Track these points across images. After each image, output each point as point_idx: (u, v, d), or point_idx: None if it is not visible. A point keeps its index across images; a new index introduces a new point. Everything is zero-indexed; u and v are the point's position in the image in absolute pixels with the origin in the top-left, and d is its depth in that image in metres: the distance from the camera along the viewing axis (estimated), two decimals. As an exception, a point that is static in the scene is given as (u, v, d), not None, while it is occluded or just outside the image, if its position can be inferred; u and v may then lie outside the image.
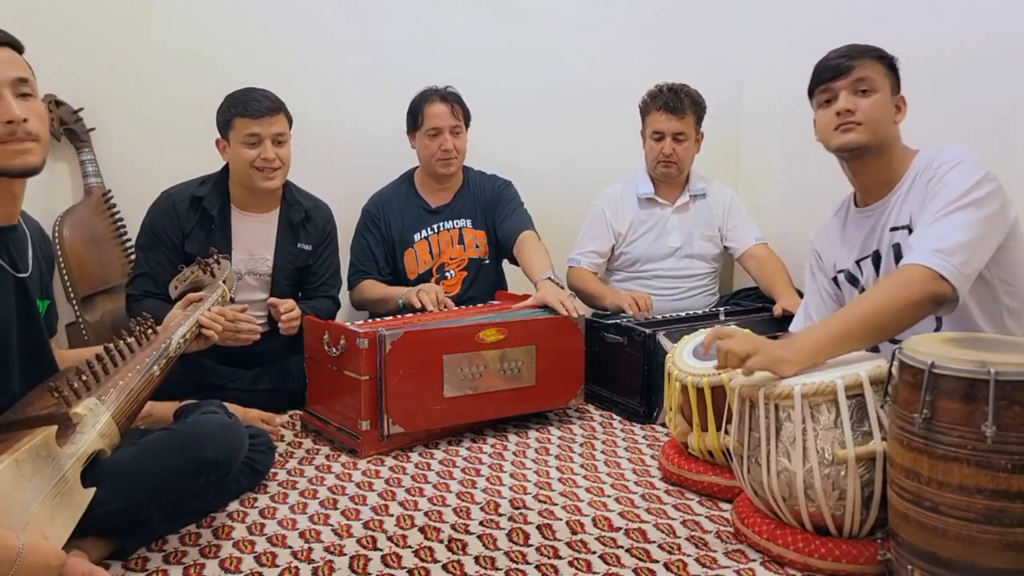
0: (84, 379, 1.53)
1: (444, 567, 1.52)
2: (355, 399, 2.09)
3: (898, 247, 1.79)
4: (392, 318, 2.40)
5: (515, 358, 2.24)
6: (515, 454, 2.13)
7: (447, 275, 2.78)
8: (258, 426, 2.08)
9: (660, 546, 1.60)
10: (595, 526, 1.70)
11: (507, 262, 2.87)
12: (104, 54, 2.66)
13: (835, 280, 2.01)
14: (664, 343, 2.32)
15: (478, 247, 2.80)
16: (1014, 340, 1.47)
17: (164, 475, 1.53)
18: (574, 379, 2.37)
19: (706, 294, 2.92)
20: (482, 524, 1.71)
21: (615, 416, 2.45)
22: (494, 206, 2.79)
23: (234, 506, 1.79)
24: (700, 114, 2.81)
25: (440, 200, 2.80)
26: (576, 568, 1.51)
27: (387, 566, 1.53)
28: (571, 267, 2.90)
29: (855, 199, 1.96)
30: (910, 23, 2.57)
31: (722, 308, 2.70)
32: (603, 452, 2.15)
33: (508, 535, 1.65)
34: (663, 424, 2.29)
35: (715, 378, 1.80)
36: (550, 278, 2.45)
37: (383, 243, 2.77)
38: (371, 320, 2.40)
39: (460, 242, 2.79)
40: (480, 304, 2.60)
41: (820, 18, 2.97)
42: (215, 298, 1.91)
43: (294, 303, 2.36)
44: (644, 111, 2.84)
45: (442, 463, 2.07)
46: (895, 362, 1.36)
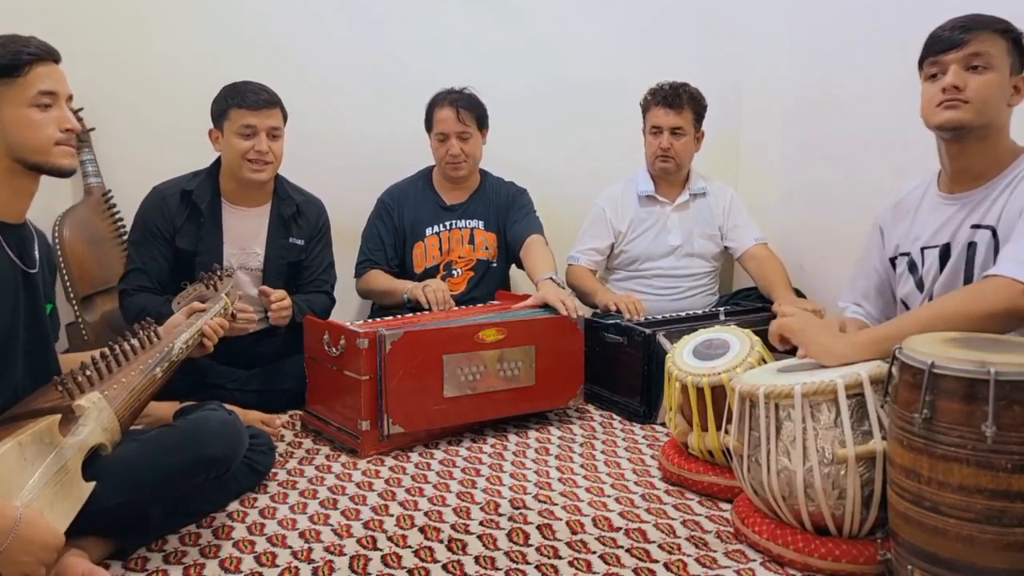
0: (88, 374, 1.54)
1: (444, 567, 1.52)
2: (355, 399, 2.09)
3: (974, 247, 1.69)
4: (392, 318, 2.40)
5: (515, 358, 2.24)
6: (515, 454, 2.13)
7: (454, 273, 2.78)
8: (258, 427, 2.08)
9: (660, 546, 1.60)
10: (595, 526, 1.70)
11: (515, 267, 2.88)
12: (104, 54, 2.67)
13: (892, 261, 1.90)
14: (664, 343, 2.32)
15: (487, 249, 2.81)
16: (1014, 340, 1.46)
17: (164, 471, 1.53)
18: (574, 379, 2.37)
19: (706, 294, 2.92)
20: (482, 524, 1.71)
21: (615, 416, 2.45)
22: (507, 210, 2.82)
23: (234, 506, 1.79)
24: (699, 111, 2.81)
25: (455, 199, 2.82)
26: (576, 568, 1.52)
27: (387, 566, 1.53)
28: (570, 265, 2.90)
29: (939, 181, 1.82)
30: (910, 23, 2.56)
31: (722, 308, 2.70)
32: (603, 452, 2.15)
33: (508, 535, 1.65)
34: (663, 424, 2.29)
35: (715, 378, 1.81)
36: (551, 278, 2.46)
37: (394, 233, 2.78)
38: (371, 320, 2.40)
39: (470, 242, 2.80)
40: (480, 304, 2.60)
41: (820, 18, 2.97)
42: (218, 309, 1.92)
43: (285, 293, 2.35)
44: (645, 108, 2.84)
45: (442, 463, 2.07)
46: (895, 362, 1.36)
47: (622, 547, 1.60)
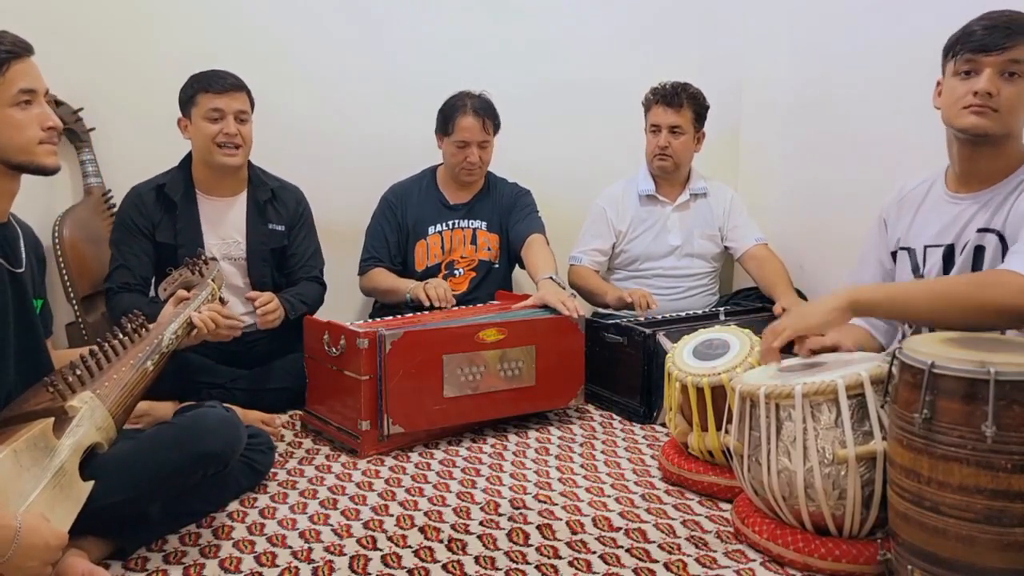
0: (79, 374, 1.54)
1: (444, 567, 1.52)
2: (355, 399, 2.09)
3: (980, 250, 1.68)
4: (392, 318, 2.40)
5: (515, 358, 2.24)
6: (515, 454, 2.13)
7: (456, 272, 2.78)
8: (258, 427, 2.08)
9: (660, 546, 1.60)
10: (595, 526, 1.70)
11: (518, 268, 2.87)
12: (104, 54, 2.67)
13: (893, 255, 1.89)
14: (664, 343, 2.32)
15: (490, 250, 2.81)
16: (1014, 340, 1.46)
17: (162, 468, 1.52)
18: (574, 379, 2.37)
19: (706, 294, 2.92)
20: (482, 524, 1.71)
21: (615, 416, 2.45)
22: (510, 211, 2.82)
23: (234, 506, 1.79)
24: (699, 111, 2.81)
25: (459, 199, 2.82)
26: (576, 568, 1.51)
27: (387, 566, 1.53)
28: (572, 265, 2.90)
29: (947, 179, 1.80)
30: (911, 23, 2.56)
31: (722, 308, 2.71)
32: (603, 452, 2.15)
33: (508, 535, 1.65)
34: (663, 424, 2.29)
35: (715, 378, 1.81)
36: (551, 278, 2.46)
37: (397, 231, 2.78)
38: (371, 320, 2.40)
39: (472, 242, 2.80)
40: (480, 304, 2.60)
41: (820, 17, 2.97)
42: (205, 296, 1.91)
43: (272, 296, 2.32)
44: (646, 107, 2.85)
45: (442, 463, 2.07)
46: (895, 362, 1.36)
47: (622, 547, 1.60)
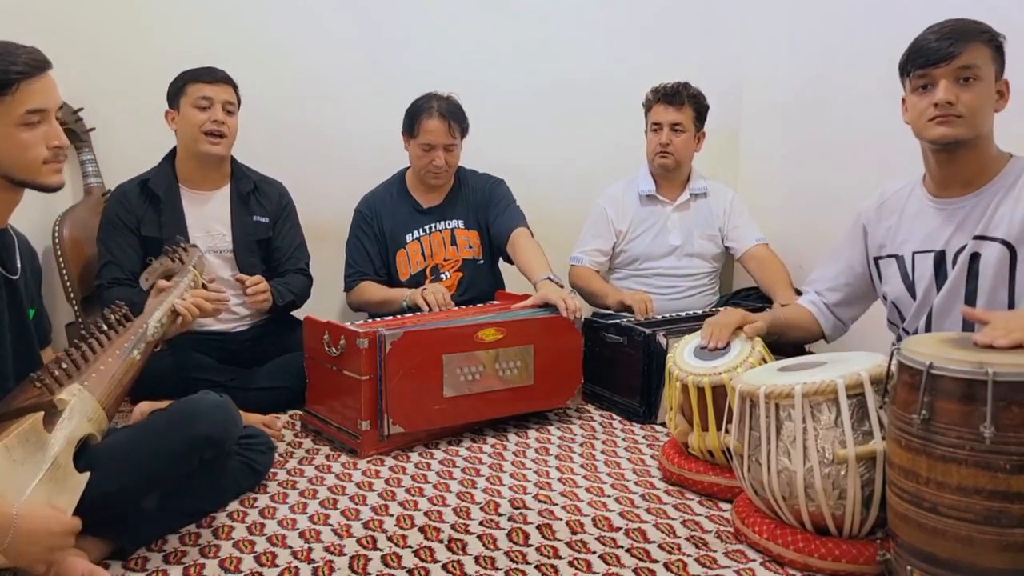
0: (65, 367, 1.54)
1: (444, 567, 1.52)
2: (355, 399, 2.09)
3: (977, 257, 1.69)
4: (392, 318, 2.40)
5: (513, 358, 2.24)
6: (515, 454, 2.13)
7: (442, 276, 2.75)
8: (258, 428, 2.07)
9: (660, 546, 1.60)
10: (595, 526, 1.70)
11: (503, 261, 2.85)
12: (104, 54, 2.67)
13: (877, 261, 1.89)
14: (664, 343, 2.32)
15: (471, 247, 2.78)
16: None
17: (157, 454, 1.52)
18: (572, 378, 2.37)
19: (706, 294, 2.92)
20: (482, 524, 1.71)
21: (615, 416, 2.45)
22: (487, 206, 2.78)
23: (234, 506, 1.79)
24: (700, 110, 2.81)
25: (431, 201, 2.78)
26: (576, 568, 1.52)
27: (387, 566, 1.53)
28: (573, 266, 2.90)
29: (925, 184, 1.81)
30: (911, 23, 2.56)
31: (722, 308, 2.70)
32: (603, 452, 2.15)
33: (508, 535, 1.65)
34: (663, 424, 2.29)
35: (716, 378, 1.81)
36: (550, 278, 2.45)
37: (377, 242, 2.74)
38: (371, 320, 2.40)
39: (452, 243, 2.77)
40: (480, 304, 2.60)
41: (820, 18, 2.97)
42: (187, 283, 1.91)
43: (261, 278, 2.40)
44: (647, 107, 2.85)
45: (442, 463, 2.07)
46: (893, 362, 1.36)
47: (622, 547, 1.60)
